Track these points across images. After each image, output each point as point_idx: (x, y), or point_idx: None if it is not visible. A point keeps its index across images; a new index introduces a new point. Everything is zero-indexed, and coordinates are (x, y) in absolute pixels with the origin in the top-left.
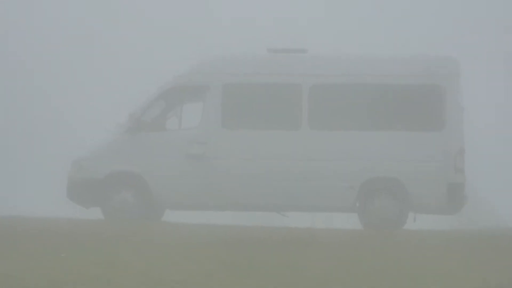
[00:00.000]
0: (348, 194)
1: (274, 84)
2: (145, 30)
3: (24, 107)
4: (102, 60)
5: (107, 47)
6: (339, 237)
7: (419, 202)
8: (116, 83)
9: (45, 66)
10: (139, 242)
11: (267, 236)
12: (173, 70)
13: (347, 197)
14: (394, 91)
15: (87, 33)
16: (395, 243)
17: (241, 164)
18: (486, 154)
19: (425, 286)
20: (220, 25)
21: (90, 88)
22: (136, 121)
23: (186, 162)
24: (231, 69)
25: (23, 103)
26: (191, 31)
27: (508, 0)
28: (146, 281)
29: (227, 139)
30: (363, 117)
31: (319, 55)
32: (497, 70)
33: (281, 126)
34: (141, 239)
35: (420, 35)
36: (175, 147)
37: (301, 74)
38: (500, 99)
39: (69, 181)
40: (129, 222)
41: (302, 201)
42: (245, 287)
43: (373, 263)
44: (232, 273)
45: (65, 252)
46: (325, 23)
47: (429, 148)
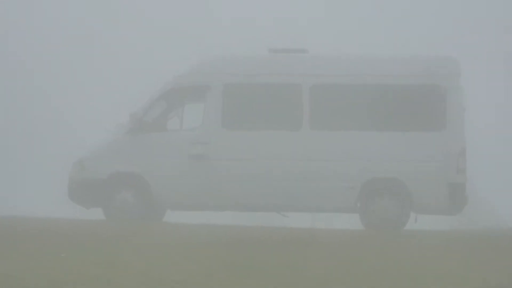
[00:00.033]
0: (349, 195)
1: (275, 84)
2: (145, 30)
3: (24, 107)
4: (102, 60)
5: (107, 47)
6: (339, 237)
7: (420, 203)
8: (116, 83)
9: (45, 66)
10: (139, 242)
11: (267, 236)
12: (173, 70)
13: (348, 198)
14: (395, 91)
15: (87, 33)
16: (396, 243)
17: (242, 164)
18: (486, 154)
19: (426, 286)
20: (220, 25)
21: (90, 88)
22: (138, 122)
23: (187, 163)
24: (232, 69)
25: (23, 103)
26: (191, 31)
27: (508, 0)
28: (146, 281)
29: (228, 139)
30: (364, 117)
31: (320, 55)
32: (497, 70)
33: (282, 126)
34: (141, 239)
35: (420, 35)
36: (176, 148)
37: (302, 74)
38: (500, 99)
39: (70, 182)
40: (129, 223)
41: (303, 202)
42: (245, 287)
43: (373, 263)
44: (232, 273)
45: (65, 252)
46: (325, 23)
47: (430, 148)
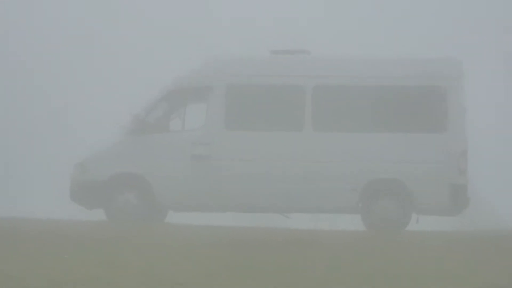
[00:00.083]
0: (351, 196)
1: (277, 86)
2: (145, 30)
3: (24, 107)
4: (102, 60)
5: (107, 47)
6: (340, 238)
7: (422, 203)
8: (116, 83)
9: (45, 66)
10: (140, 243)
11: (269, 237)
12: (173, 70)
13: (350, 199)
14: (397, 93)
15: (87, 33)
16: (397, 244)
17: (244, 165)
18: (487, 155)
19: (427, 287)
20: (220, 25)
21: (90, 88)
22: (140, 123)
23: (190, 164)
24: (234, 71)
25: (23, 103)
26: (191, 31)
27: (508, 0)
28: (147, 282)
29: (231, 140)
30: (366, 119)
31: (322, 57)
32: (497, 70)
33: (284, 128)
34: (142, 240)
35: (420, 35)
36: (179, 149)
37: (304, 76)
38: (500, 99)
39: (72, 183)
40: (130, 224)
41: (305, 203)
42: None
43: (375, 264)
44: (234, 274)
45: (66, 253)
46: (325, 23)
47: (432, 150)
